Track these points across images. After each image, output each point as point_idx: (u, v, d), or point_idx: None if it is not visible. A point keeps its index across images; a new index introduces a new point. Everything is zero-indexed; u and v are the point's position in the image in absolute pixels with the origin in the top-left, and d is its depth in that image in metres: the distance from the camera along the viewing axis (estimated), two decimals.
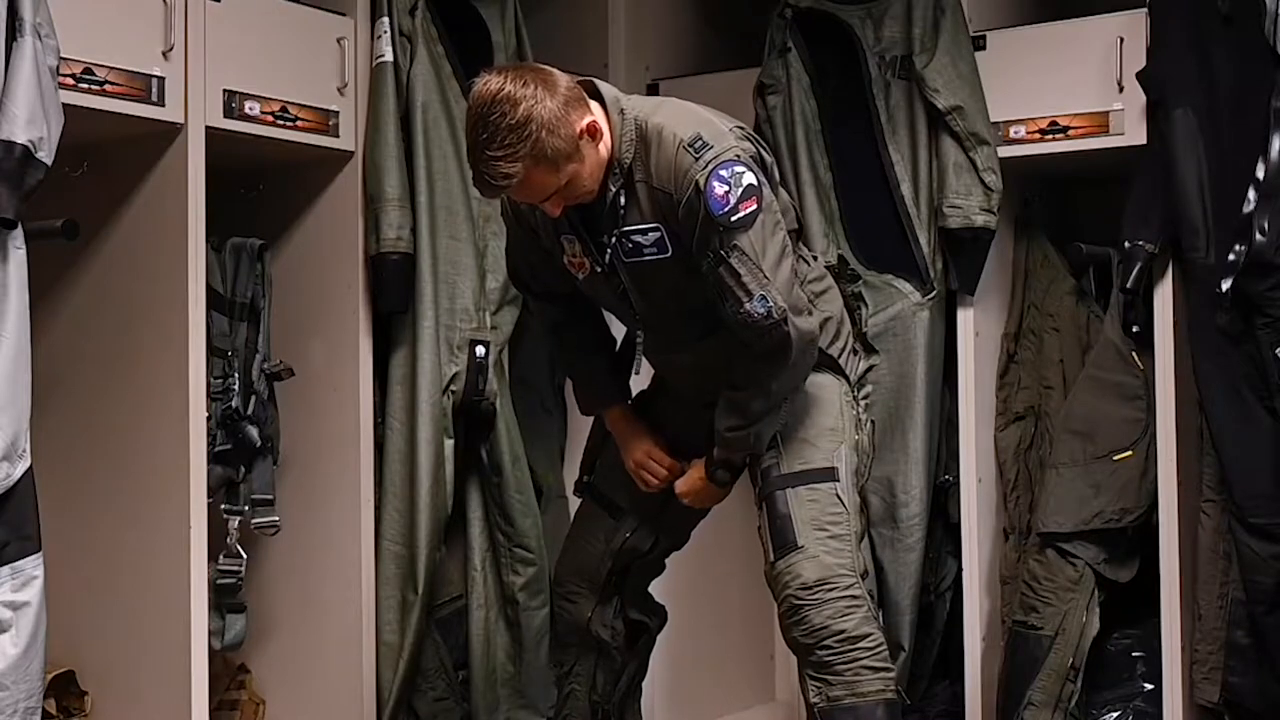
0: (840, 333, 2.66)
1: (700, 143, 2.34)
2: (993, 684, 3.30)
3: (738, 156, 2.35)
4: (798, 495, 2.50)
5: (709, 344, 2.54)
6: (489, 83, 2.32)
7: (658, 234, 2.44)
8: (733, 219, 2.32)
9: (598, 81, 2.46)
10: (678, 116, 2.41)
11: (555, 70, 2.40)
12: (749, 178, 2.33)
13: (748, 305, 2.35)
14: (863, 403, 2.69)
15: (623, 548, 2.77)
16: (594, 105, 2.41)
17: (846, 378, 2.64)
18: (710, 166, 2.32)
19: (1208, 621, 3.07)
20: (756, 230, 2.34)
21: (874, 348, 3.24)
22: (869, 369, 3.10)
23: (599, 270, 2.51)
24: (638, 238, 2.45)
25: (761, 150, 2.49)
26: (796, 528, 2.47)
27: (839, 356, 2.64)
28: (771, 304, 2.35)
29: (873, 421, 2.75)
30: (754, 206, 2.33)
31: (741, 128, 2.47)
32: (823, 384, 2.59)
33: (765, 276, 2.35)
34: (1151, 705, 3.17)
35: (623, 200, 2.43)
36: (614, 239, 2.46)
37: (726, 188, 2.32)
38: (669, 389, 2.78)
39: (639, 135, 2.40)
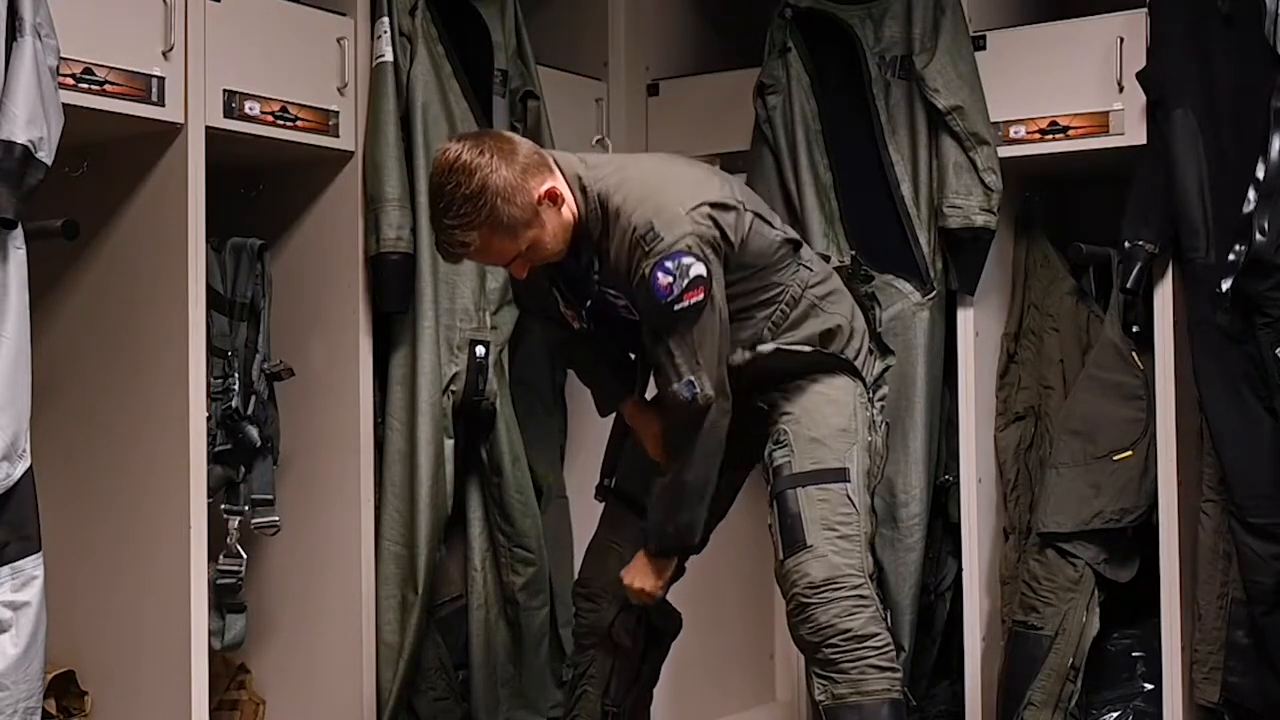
0: (853, 334, 2.67)
1: (651, 234, 2.38)
2: (993, 684, 3.30)
3: (688, 247, 2.38)
4: (808, 495, 2.51)
5: None
6: (448, 151, 2.39)
7: (624, 301, 2.53)
8: (675, 308, 2.39)
9: (557, 155, 2.50)
10: (635, 198, 2.43)
11: (517, 137, 2.48)
12: (697, 269, 2.38)
13: (674, 385, 2.44)
14: (878, 404, 2.71)
15: None
16: (558, 171, 2.46)
17: (862, 379, 2.66)
18: (657, 258, 2.37)
19: (1208, 621, 3.07)
20: (701, 322, 2.41)
21: (889, 348, 3.22)
22: (885, 369, 3.11)
23: (584, 319, 2.61)
24: (612, 298, 2.54)
25: (723, 225, 2.45)
26: (806, 527, 2.49)
27: (854, 358, 2.65)
28: (698, 389, 2.44)
29: (887, 424, 2.77)
30: (699, 298, 2.39)
31: (699, 208, 2.43)
32: (837, 385, 2.61)
33: (697, 363, 2.43)
34: (1151, 705, 3.17)
35: (596, 266, 2.50)
36: (591, 302, 2.56)
37: (671, 279, 2.37)
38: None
39: (603, 211, 2.45)
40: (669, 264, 2.37)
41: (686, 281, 2.37)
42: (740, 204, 2.52)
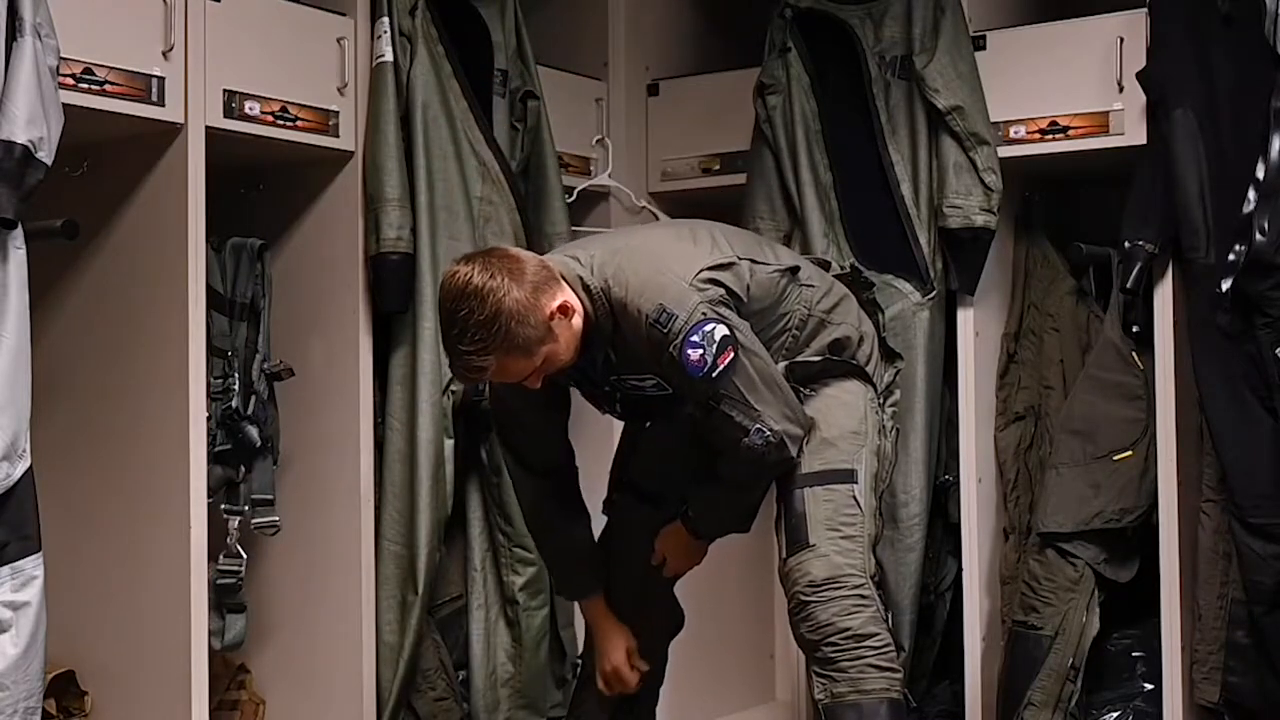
0: (862, 339, 2.69)
1: (665, 315, 2.38)
2: (993, 684, 3.30)
3: (704, 315, 2.39)
4: (814, 494, 2.53)
5: None
6: (457, 274, 2.37)
7: (653, 380, 2.54)
8: (714, 375, 2.39)
9: (551, 260, 2.49)
10: (637, 285, 2.43)
11: (523, 253, 2.46)
12: (720, 331, 2.38)
13: (745, 440, 2.46)
14: (890, 410, 2.73)
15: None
16: (561, 278, 2.45)
17: (873, 385, 2.68)
18: (681, 336, 2.37)
19: (1208, 621, 3.07)
20: (740, 373, 2.42)
21: (897, 353, 3.21)
22: (896, 374, 3.12)
23: (617, 410, 2.65)
24: (635, 381, 2.56)
25: (726, 283, 2.45)
26: (810, 526, 2.51)
27: (865, 364, 2.67)
28: (767, 433, 2.46)
29: (897, 429, 2.78)
30: (731, 355, 2.40)
31: (699, 274, 2.43)
32: (848, 389, 2.64)
33: (755, 409, 2.44)
34: (1151, 705, 3.17)
35: (614, 358, 2.52)
36: (618, 392, 2.60)
37: (701, 351, 2.38)
38: (659, 433, 2.84)
39: (611, 309, 2.45)
40: (695, 337, 2.37)
41: (715, 347, 2.38)
42: (734, 257, 2.52)
